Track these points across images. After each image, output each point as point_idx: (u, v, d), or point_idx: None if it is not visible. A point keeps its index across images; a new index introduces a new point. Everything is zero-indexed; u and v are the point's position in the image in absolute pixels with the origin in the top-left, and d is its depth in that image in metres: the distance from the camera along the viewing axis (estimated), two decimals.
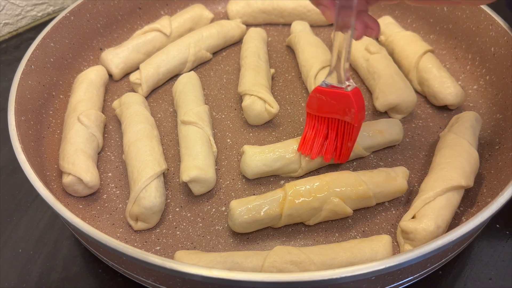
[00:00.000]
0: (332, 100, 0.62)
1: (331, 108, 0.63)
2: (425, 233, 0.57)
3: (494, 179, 0.66)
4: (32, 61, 0.73)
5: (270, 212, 0.60)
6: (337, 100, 0.62)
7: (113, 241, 0.48)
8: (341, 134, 0.64)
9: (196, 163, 0.65)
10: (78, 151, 0.66)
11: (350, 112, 0.61)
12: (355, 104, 0.60)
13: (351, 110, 0.61)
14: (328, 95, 0.62)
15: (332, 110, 0.63)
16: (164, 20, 0.88)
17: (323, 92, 0.62)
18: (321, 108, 0.63)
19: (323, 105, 0.63)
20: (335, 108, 0.62)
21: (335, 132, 0.64)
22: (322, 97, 0.62)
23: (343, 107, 0.61)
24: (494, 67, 0.76)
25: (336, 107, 0.62)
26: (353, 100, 0.60)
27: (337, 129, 0.64)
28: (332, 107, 0.62)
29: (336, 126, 0.64)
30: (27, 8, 1.00)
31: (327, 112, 0.63)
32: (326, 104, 0.63)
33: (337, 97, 0.61)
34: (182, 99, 0.75)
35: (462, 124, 0.69)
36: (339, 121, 0.63)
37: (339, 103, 0.61)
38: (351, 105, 0.60)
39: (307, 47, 0.83)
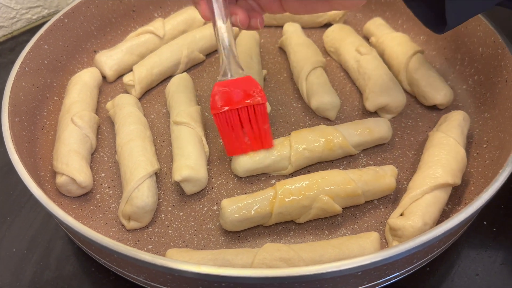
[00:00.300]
0: (237, 88, 0.63)
1: (238, 96, 0.63)
2: (413, 230, 0.58)
3: (481, 177, 0.67)
4: (26, 63, 0.73)
5: (260, 210, 0.61)
6: (241, 86, 0.63)
7: (104, 238, 0.49)
8: (254, 121, 0.64)
9: (188, 162, 0.66)
10: (72, 152, 0.67)
11: (256, 92, 0.63)
12: (257, 83, 0.63)
13: (256, 89, 0.63)
14: (232, 85, 0.63)
15: (240, 98, 0.63)
16: (158, 22, 0.89)
17: (226, 84, 0.63)
18: (228, 101, 0.63)
19: (228, 98, 0.63)
20: (242, 95, 0.63)
21: (247, 121, 0.65)
22: (226, 89, 0.63)
23: (248, 91, 0.63)
24: (482, 67, 0.77)
25: (242, 94, 0.63)
26: (254, 80, 0.63)
27: (249, 117, 0.64)
28: (238, 95, 0.63)
29: (246, 114, 0.64)
30: (22, 11, 1.00)
31: (235, 103, 0.63)
32: (232, 95, 0.63)
33: (240, 83, 0.63)
34: (175, 100, 0.76)
35: (450, 123, 0.70)
36: (247, 109, 0.64)
37: (243, 88, 0.63)
38: (255, 84, 0.63)
39: (299, 48, 0.84)
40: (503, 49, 0.71)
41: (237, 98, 0.63)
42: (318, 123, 0.77)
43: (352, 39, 0.86)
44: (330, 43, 0.89)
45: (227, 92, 0.63)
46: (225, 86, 0.63)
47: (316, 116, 0.78)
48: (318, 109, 0.77)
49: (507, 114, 0.68)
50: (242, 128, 0.65)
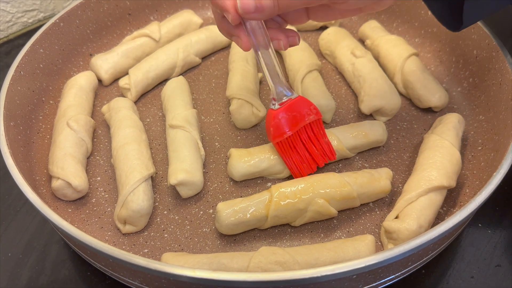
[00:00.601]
0: (293, 112, 0.64)
1: (295, 120, 0.65)
2: (408, 233, 0.58)
3: (476, 179, 0.67)
4: (21, 67, 0.73)
5: (256, 213, 0.61)
6: (296, 109, 0.64)
7: (99, 243, 0.49)
8: (313, 138, 0.66)
9: (184, 166, 0.66)
10: (67, 156, 0.67)
11: (311, 110, 0.65)
12: (309, 101, 0.65)
13: (310, 107, 0.65)
14: (288, 110, 0.64)
15: (298, 121, 0.65)
16: (153, 26, 0.89)
17: (282, 111, 0.64)
18: (288, 127, 0.65)
19: (287, 123, 0.65)
20: (299, 117, 0.65)
21: (308, 139, 0.66)
22: (284, 115, 0.64)
23: (303, 111, 0.65)
24: (477, 69, 0.78)
25: (298, 116, 0.65)
26: (306, 99, 0.65)
27: (308, 135, 0.66)
28: (296, 119, 0.65)
29: (305, 134, 0.66)
30: (17, 14, 1.00)
31: (295, 126, 0.65)
32: (289, 120, 0.65)
33: (294, 106, 0.64)
34: (171, 103, 0.76)
35: (445, 125, 0.70)
36: (305, 128, 0.66)
37: (299, 110, 0.64)
38: (308, 102, 0.65)
39: (294, 52, 0.84)
40: (497, 52, 0.72)
41: (293, 121, 0.65)
42: None
43: (348, 42, 0.86)
44: (326, 46, 0.89)
45: (280, 119, 0.64)
46: (279, 114, 0.64)
47: None
48: None
49: (501, 117, 0.68)
50: (305, 148, 0.67)
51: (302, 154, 0.67)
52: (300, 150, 0.66)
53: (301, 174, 0.67)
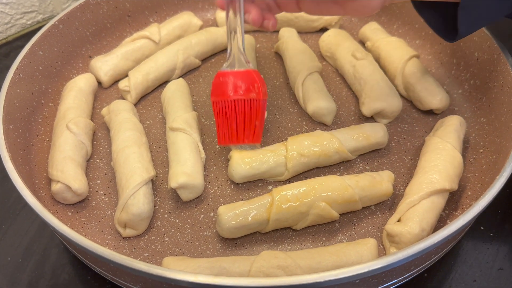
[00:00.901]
0: (237, 80, 0.63)
1: (236, 88, 0.63)
2: (410, 236, 0.58)
3: (478, 182, 0.67)
4: (21, 69, 0.73)
5: (257, 217, 0.61)
6: (241, 79, 0.63)
7: (100, 247, 0.49)
8: (248, 115, 0.64)
9: (184, 169, 0.66)
10: (67, 159, 0.67)
11: (254, 88, 0.62)
12: (257, 79, 0.62)
13: (254, 85, 0.62)
14: (233, 76, 0.63)
15: (238, 91, 0.63)
16: (153, 28, 0.89)
17: (228, 74, 0.63)
18: (226, 92, 0.63)
19: (228, 88, 0.63)
20: (240, 88, 0.63)
21: (242, 114, 0.64)
22: (227, 79, 0.63)
23: (248, 85, 0.62)
24: (478, 71, 0.77)
25: (241, 86, 0.63)
26: (256, 76, 0.62)
27: (244, 111, 0.64)
28: (237, 88, 0.63)
29: (243, 108, 0.63)
30: (16, 16, 1.00)
31: (234, 94, 0.63)
32: (231, 86, 0.63)
33: (241, 76, 0.63)
34: (171, 105, 0.75)
35: (446, 128, 0.70)
36: (244, 102, 0.63)
37: (243, 81, 0.62)
38: (254, 80, 0.62)
39: (295, 54, 0.84)
40: (498, 54, 0.72)
41: (236, 90, 0.63)
42: (315, 128, 0.77)
43: (348, 44, 0.86)
44: (326, 48, 0.89)
45: (227, 82, 0.63)
46: (226, 77, 0.63)
47: (313, 121, 0.78)
48: (315, 114, 0.76)
49: (503, 119, 0.68)
50: (236, 120, 0.64)
51: (230, 124, 0.64)
52: (230, 119, 0.64)
53: (223, 142, 0.65)
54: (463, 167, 0.67)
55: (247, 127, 0.64)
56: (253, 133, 0.64)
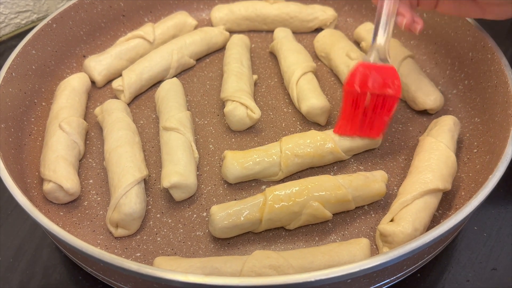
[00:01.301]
0: (378, 74, 0.64)
1: (375, 82, 0.64)
2: (403, 236, 0.57)
3: (472, 182, 0.67)
4: (13, 68, 0.73)
5: (250, 217, 0.61)
6: (382, 74, 0.64)
7: (90, 247, 0.48)
8: (379, 109, 0.65)
9: (177, 169, 0.65)
10: (59, 158, 0.66)
11: (394, 85, 0.63)
12: (398, 76, 0.63)
13: (394, 82, 0.63)
14: (375, 70, 0.64)
15: (376, 85, 0.64)
16: (148, 27, 0.88)
17: (370, 67, 0.64)
18: (364, 83, 0.64)
19: (367, 80, 0.64)
20: (379, 83, 0.64)
21: (372, 108, 0.65)
22: (368, 72, 0.64)
23: (387, 81, 0.64)
24: (472, 72, 0.77)
25: (380, 81, 0.64)
26: (397, 73, 0.63)
27: (375, 105, 0.65)
28: (376, 82, 0.64)
29: (374, 101, 0.65)
30: (10, 15, 1.00)
31: (370, 87, 0.64)
32: (370, 79, 0.64)
33: (382, 71, 0.64)
34: (164, 105, 0.75)
35: (440, 128, 0.70)
36: (377, 96, 0.64)
37: (384, 76, 0.64)
38: (396, 76, 0.63)
39: (289, 54, 0.84)
40: (492, 54, 0.71)
41: (373, 83, 0.64)
42: (309, 128, 0.77)
43: (343, 44, 0.86)
44: (321, 48, 0.88)
45: (367, 75, 0.64)
46: (368, 69, 0.64)
47: (307, 121, 0.78)
48: (309, 114, 0.76)
49: (497, 119, 0.68)
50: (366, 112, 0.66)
51: (356, 115, 0.66)
52: (359, 110, 0.66)
53: (341, 131, 0.68)
54: (457, 167, 0.67)
55: (376, 121, 0.66)
56: (379, 128, 0.67)
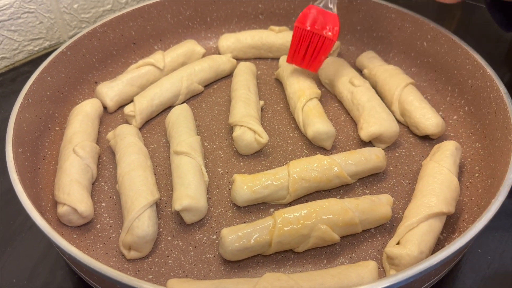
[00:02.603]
0: (322, 18, 0.79)
1: (319, 24, 0.79)
2: (409, 258, 0.59)
3: (474, 206, 0.69)
4: (30, 94, 0.75)
5: (260, 239, 0.62)
6: (325, 18, 0.79)
7: (108, 269, 0.50)
8: (318, 48, 0.80)
9: (188, 192, 0.67)
10: (73, 182, 0.68)
11: (333, 30, 0.78)
12: (339, 24, 0.79)
13: (334, 28, 0.78)
14: (320, 13, 0.79)
15: (319, 26, 0.79)
16: (158, 55, 0.91)
17: (318, 9, 0.79)
18: (311, 23, 0.79)
19: (313, 21, 0.79)
20: (322, 25, 0.78)
21: (314, 46, 0.80)
22: (314, 12, 0.79)
23: (328, 25, 0.78)
24: (472, 98, 0.80)
25: (323, 24, 0.78)
26: (338, 21, 0.79)
27: (317, 44, 0.80)
28: (320, 24, 0.79)
29: (317, 41, 0.80)
30: (24, 43, 1.03)
31: (315, 28, 0.79)
32: (316, 20, 0.79)
33: (326, 16, 0.79)
34: (175, 130, 0.77)
35: (443, 153, 0.72)
36: (319, 37, 0.79)
37: (326, 21, 0.79)
38: (336, 23, 0.79)
39: (295, 80, 0.87)
40: (491, 81, 0.74)
41: (318, 25, 0.79)
42: (315, 152, 0.79)
43: (346, 71, 0.89)
44: (325, 75, 0.91)
45: (314, 16, 0.79)
46: (314, 9, 0.79)
47: (312, 146, 0.80)
48: (315, 139, 0.79)
49: (497, 144, 0.70)
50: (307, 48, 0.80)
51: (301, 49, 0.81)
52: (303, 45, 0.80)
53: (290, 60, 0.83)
54: (460, 191, 0.68)
55: (314, 57, 0.81)
56: (316, 64, 0.82)
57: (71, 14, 1.06)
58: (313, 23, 0.79)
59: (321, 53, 0.80)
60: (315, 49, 0.80)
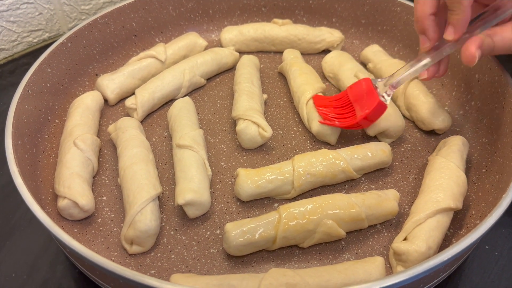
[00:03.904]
0: (365, 95, 0.73)
1: (359, 99, 0.73)
2: (417, 254, 0.58)
3: (482, 201, 0.68)
4: (29, 86, 0.74)
5: (265, 234, 0.61)
6: (368, 97, 0.72)
7: (111, 263, 0.49)
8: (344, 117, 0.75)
9: (191, 186, 0.66)
10: (74, 175, 0.67)
11: (363, 111, 0.72)
12: (372, 109, 0.71)
13: (366, 111, 0.72)
14: (368, 89, 0.73)
15: (358, 100, 0.74)
16: (159, 47, 0.90)
17: (368, 85, 0.73)
18: (353, 93, 0.75)
19: (357, 92, 0.74)
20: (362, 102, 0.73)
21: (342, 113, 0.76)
22: (364, 86, 0.73)
23: (364, 104, 0.72)
24: (479, 93, 0.79)
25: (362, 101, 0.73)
26: (374, 107, 0.71)
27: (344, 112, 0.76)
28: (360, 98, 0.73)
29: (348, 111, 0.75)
30: (23, 34, 1.01)
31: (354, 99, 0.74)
32: (360, 93, 0.74)
33: (369, 95, 0.72)
34: (177, 123, 0.76)
35: (449, 148, 0.71)
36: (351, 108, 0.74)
37: (367, 100, 0.72)
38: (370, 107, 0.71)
39: (299, 74, 0.85)
40: (499, 76, 0.73)
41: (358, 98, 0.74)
42: (319, 147, 0.78)
43: (351, 65, 0.88)
44: (329, 69, 0.90)
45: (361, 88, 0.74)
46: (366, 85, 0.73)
47: (317, 140, 0.79)
48: (319, 134, 0.77)
49: (505, 140, 0.69)
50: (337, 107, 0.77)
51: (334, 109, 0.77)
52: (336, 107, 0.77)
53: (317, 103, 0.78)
54: (467, 186, 0.67)
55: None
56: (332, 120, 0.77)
57: (71, 6, 1.04)
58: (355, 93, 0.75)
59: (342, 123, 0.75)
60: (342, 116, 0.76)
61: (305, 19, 1.01)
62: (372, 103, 0.71)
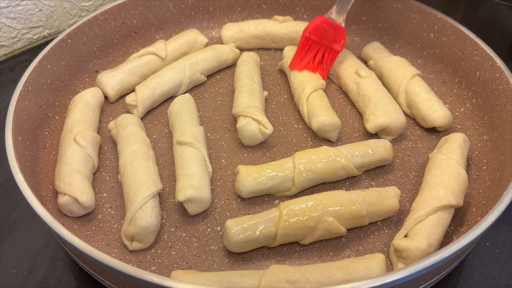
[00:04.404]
0: (331, 30, 0.82)
1: (328, 36, 0.82)
2: (418, 251, 0.58)
3: (483, 199, 0.68)
4: (29, 82, 0.73)
5: (265, 231, 0.61)
6: (334, 31, 0.82)
7: (111, 259, 0.49)
8: (324, 59, 0.84)
9: (192, 183, 0.66)
10: (74, 172, 0.67)
11: (340, 42, 0.83)
12: (345, 36, 0.82)
13: (341, 40, 0.82)
14: (330, 26, 0.82)
15: (328, 39, 0.82)
16: (160, 44, 0.90)
17: (328, 22, 0.82)
18: (319, 35, 0.82)
19: (322, 33, 0.82)
20: (330, 37, 0.82)
21: (321, 56, 0.84)
22: (326, 26, 0.81)
23: (335, 38, 0.82)
24: (480, 90, 0.79)
25: (331, 36, 0.82)
26: (345, 34, 0.82)
27: (323, 54, 0.84)
28: (329, 36, 0.82)
29: (323, 52, 0.84)
30: (23, 31, 1.01)
31: (323, 39, 0.83)
32: (325, 33, 0.82)
33: (335, 29, 0.82)
34: (178, 120, 0.76)
35: (450, 145, 0.71)
36: (326, 48, 0.83)
37: (335, 33, 0.82)
38: (343, 36, 0.83)
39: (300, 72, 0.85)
40: (500, 73, 0.73)
41: (326, 37, 0.82)
42: (320, 144, 0.78)
43: (351, 62, 0.87)
44: None
45: (324, 28, 0.82)
46: (326, 23, 0.82)
47: (318, 137, 0.79)
48: (320, 131, 0.77)
49: (506, 137, 0.69)
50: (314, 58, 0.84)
51: (307, 57, 0.84)
52: (309, 54, 0.84)
53: (292, 66, 0.85)
54: (468, 183, 0.67)
55: (320, 67, 0.85)
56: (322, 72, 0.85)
57: (71, 2, 1.04)
58: (322, 34, 0.82)
59: (325, 63, 0.84)
60: (322, 58, 0.84)
61: (305, 16, 1.01)
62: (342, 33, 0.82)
